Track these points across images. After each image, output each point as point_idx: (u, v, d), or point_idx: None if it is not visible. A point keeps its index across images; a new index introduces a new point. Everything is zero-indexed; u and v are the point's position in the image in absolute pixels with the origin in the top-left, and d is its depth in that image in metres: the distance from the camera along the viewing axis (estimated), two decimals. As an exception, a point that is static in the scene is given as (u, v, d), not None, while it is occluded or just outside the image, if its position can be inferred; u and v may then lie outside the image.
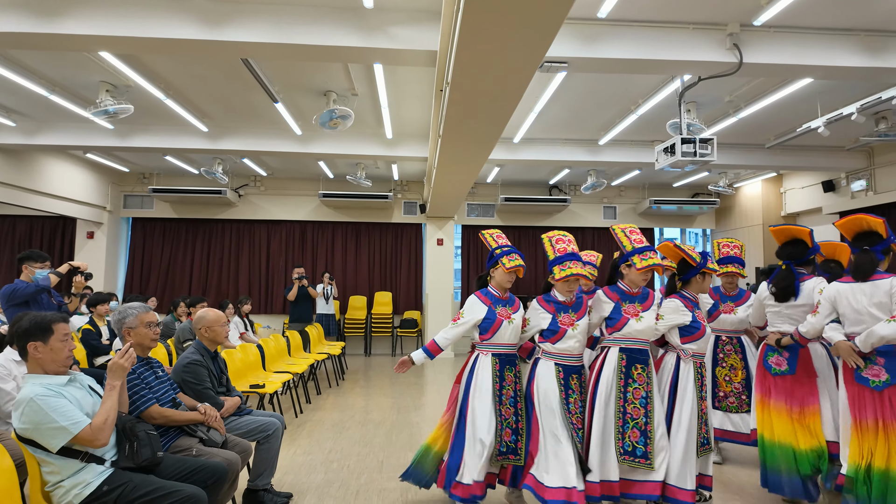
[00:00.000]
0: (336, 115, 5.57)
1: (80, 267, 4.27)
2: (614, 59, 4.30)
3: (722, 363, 4.01)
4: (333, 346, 7.49)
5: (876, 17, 4.26)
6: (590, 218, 10.77)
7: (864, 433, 2.73)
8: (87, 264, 4.36)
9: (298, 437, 4.59)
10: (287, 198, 10.23)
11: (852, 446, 2.76)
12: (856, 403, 2.80)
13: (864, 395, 2.77)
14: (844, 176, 8.19)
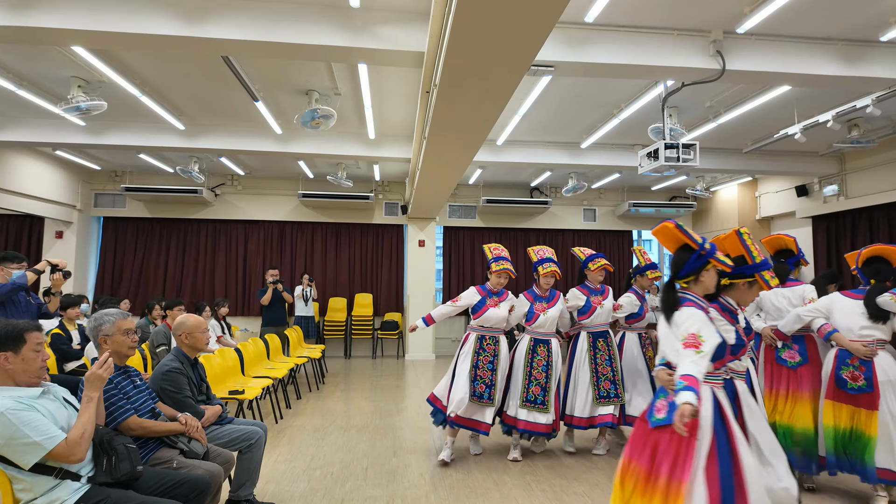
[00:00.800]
0: (318, 114, 5.48)
1: (59, 265, 4.08)
2: (600, 64, 4.31)
3: None
4: (313, 349, 7.38)
5: (852, 28, 4.36)
6: (570, 220, 10.85)
7: (777, 399, 3.58)
8: (66, 262, 4.17)
9: (279, 444, 4.49)
10: (265, 197, 10.05)
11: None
12: (772, 378, 3.62)
13: (781, 372, 3.60)
14: (817, 181, 8.41)
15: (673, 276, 2.38)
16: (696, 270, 2.33)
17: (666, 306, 2.25)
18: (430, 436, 4.81)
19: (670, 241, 2.47)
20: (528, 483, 3.67)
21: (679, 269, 2.36)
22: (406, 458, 4.19)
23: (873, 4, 4.02)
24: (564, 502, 3.36)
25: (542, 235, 10.85)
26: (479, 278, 10.64)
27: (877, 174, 7.51)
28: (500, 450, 4.42)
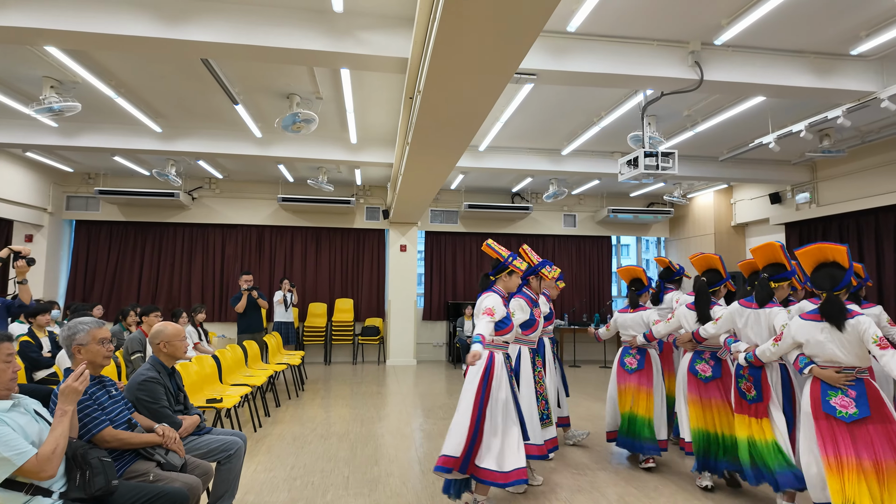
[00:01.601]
0: (299, 118, 5.43)
1: (22, 251, 3.93)
2: (582, 73, 4.37)
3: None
4: (292, 356, 7.28)
5: (824, 42, 4.50)
6: (551, 225, 10.94)
7: (703, 408, 3.72)
8: (28, 249, 4.02)
9: (258, 453, 4.41)
10: (244, 201, 9.91)
11: (691, 415, 3.77)
12: (696, 388, 3.78)
13: (698, 383, 3.78)
14: (790, 189, 8.63)
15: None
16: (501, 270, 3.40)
17: None
18: (411, 443, 4.78)
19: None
20: (508, 491, 3.67)
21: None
22: (388, 466, 4.15)
23: (844, 20, 4.15)
24: (547, 509, 3.36)
25: (523, 240, 10.91)
26: (461, 283, 10.66)
27: (846, 183, 7.74)
28: (482, 456, 4.41)
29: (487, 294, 3.34)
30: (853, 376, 2.70)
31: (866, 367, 2.72)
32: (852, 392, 2.66)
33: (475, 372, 3.19)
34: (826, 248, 2.85)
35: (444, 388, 7.47)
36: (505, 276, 3.41)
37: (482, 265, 10.77)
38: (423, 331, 10.61)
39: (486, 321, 3.17)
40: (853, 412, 2.63)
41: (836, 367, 2.73)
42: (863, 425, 2.61)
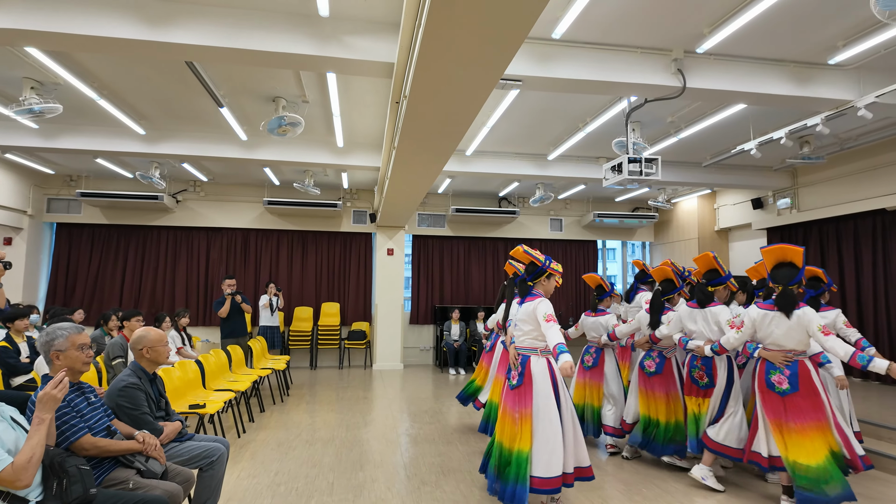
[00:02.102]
0: (285, 121, 5.40)
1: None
2: (567, 79, 4.40)
3: None
4: (277, 361, 7.22)
5: (803, 51, 4.59)
6: (537, 229, 10.99)
7: (647, 398, 4.30)
8: (3, 252, 3.94)
9: (242, 459, 4.37)
10: (229, 204, 9.82)
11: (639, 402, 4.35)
12: (643, 381, 4.36)
13: (645, 377, 4.35)
14: (772, 194, 8.77)
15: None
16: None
17: None
18: (397, 448, 4.76)
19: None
20: (496, 494, 3.67)
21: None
22: (373, 471, 4.14)
23: (822, 30, 4.24)
24: (532, 513, 3.37)
25: (510, 244, 10.95)
26: (449, 287, 10.66)
27: (826, 189, 7.90)
28: (468, 462, 4.41)
29: (537, 300, 3.33)
30: (792, 358, 3.32)
31: (802, 351, 3.33)
32: (787, 371, 3.31)
33: (543, 384, 3.21)
34: (787, 249, 3.39)
35: (430, 393, 7.46)
36: (544, 279, 3.45)
37: (470, 269, 10.79)
38: (410, 335, 10.59)
39: (557, 328, 3.18)
40: (786, 388, 3.30)
41: (780, 350, 3.35)
42: (794, 397, 3.28)
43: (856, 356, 3.08)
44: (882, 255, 7.07)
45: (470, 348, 9.73)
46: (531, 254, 3.48)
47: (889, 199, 6.85)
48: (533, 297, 3.40)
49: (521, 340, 3.38)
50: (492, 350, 5.27)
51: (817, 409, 3.25)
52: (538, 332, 3.30)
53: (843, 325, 4.07)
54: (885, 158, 6.98)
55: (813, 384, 3.28)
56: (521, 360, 3.34)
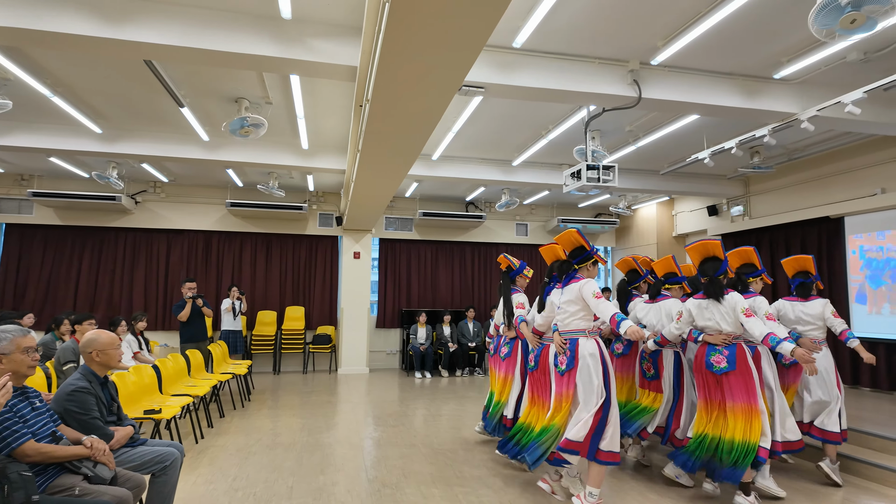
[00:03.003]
0: (248, 123, 5.35)
1: None
2: (528, 88, 4.51)
3: None
4: (239, 365, 7.10)
5: (751, 65, 4.82)
6: (503, 234, 11.14)
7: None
8: None
9: (199, 466, 4.29)
10: (191, 206, 9.62)
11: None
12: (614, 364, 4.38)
13: (614, 359, 4.51)
14: (726, 202, 9.13)
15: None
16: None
17: None
18: (359, 452, 4.76)
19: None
20: (457, 495, 3.72)
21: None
22: (334, 475, 4.12)
23: (767, 46, 4.47)
24: (490, 512, 3.43)
25: (476, 249, 11.06)
26: (416, 291, 10.68)
27: (776, 197, 8.27)
28: (431, 465, 4.44)
29: (582, 280, 3.42)
30: (730, 340, 3.55)
31: (739, 333, 3.56)
32: (726, 352, 3.53)
33: (594, 364, 3.28)
34: (708, 244, 3.74)
35: (396, 396, 7.46)
36: (590, 265, 3.53)
37: (437, 272, 10.83)
38: (376, 338, 10.56)
39: (607, 302, 3.28)
40: (724, 366, 3.51)
41: (720, 335, 3.59)
42: (727, 377, 3.49)
43: (768, 338, 3.23)
44: (826, 261, 7.44)
45: (436, 352, 9.76)
46: (584, 237, 3.57)
47: (832, 207, 7.23)
48: (577, 279, 3.48)
49: (566, 323, 3.44)
50: (495, 354, 4.88)
51: (749, 391, 3.41)
52: (586, 311, 3.38)
53: (830, 315, 4.18)
54: (829, 169, 7.37)
55: (748, 365, 3.47)
56: (569, 344, 3.40)
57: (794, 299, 4.33)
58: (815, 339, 4.15)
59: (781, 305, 4.42)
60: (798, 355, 3.15)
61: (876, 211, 6.78)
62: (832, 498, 3.78)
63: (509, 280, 4.67)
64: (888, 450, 4.34)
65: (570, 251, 3.61)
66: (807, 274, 4.36)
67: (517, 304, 4.46)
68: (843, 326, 4.11)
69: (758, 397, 3.42)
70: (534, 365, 3.88)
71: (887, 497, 3.82)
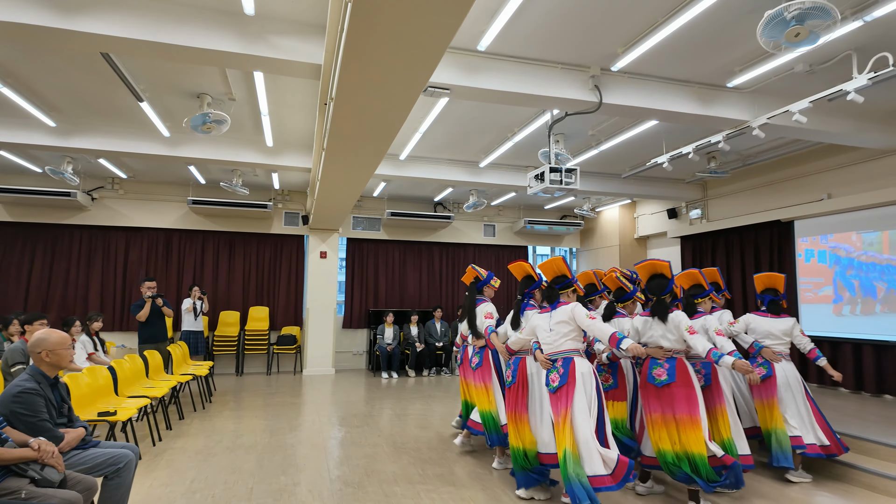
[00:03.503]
0: (210, 119, 5.25)
1: None
2: (492, 90, 4.57)
3: None
4: (199, 366, 6.95)
5: (706, 73, 5.01)
6: (471, 235, 11.22)
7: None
8: None
9: (156, 468, 4.20)
10: (150, 203, 9.36)
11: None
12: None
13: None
14: (685, 205, 9.43)
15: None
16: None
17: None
18: (322, 452, 4.73)
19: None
20: (419, 493, 3.75)
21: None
22: (296, 475, 4.10)
23: (720, 55, 4.65)
24: (451, 508, 3.47)
25: (445, 249, 11.11)
26: (383, 291, 10.66)
27: (731, 201, 8.59)
28: (394, 463, 4.46)
29: (571, 304, 3.59)
30: (671, 355, 3.63)
31: (681, 349, 3.63)
32: (666, 365, 3.61)
33: (589, 383, 3.41)
34: (656, 264, 3.82)
35: (362, 397, 7.44)
36: (570, 292, 3.71)
37: (405, 273, 10.83)
38: (342, 339, 10.49)
39: (604, 323, 3.46)
40: (664, 379, 3.58)
41: (663, 350, 3.66)
42: (669, 388, 3.55)
43: (710, 353, 3.39)
44: (777, 263, 7.77)
45: (403, 352, 9.76)
46: (568, 266, 3.79)
47: (783, 211, 7.56)
48: (563, 303, 3.64)
49: (559, 344, 3.54)
50: (463, 362, 4.86)
51: (690, 402, 3.47)
52: (577, 332, 3.53)
53: (799, 334, 4.40)
54: (781, 175, 7.70)
55: (689, 378, 3.53)
56: (562, 362, 3.49)
57: (765, 315, 4.51)
58: (782, 353, 4.37)
59: (752, 319, 4.57)
60: (738, 367, 3.31)
61: (822, 215, 7.13)
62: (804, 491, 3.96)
63: (476, 290, 4.70)
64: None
65: (553, 278, 3.77)
66: (776, 292, 4.56)
67: (486, 314, 4.48)
68: (811, 346, 4.39)
69: (698, 409, 3.46)
70: (511, 380, 3.87)
71: (853, 492, 4.03)
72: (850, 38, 4.28)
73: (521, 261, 4.26)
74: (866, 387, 6.57)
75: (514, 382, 3.84)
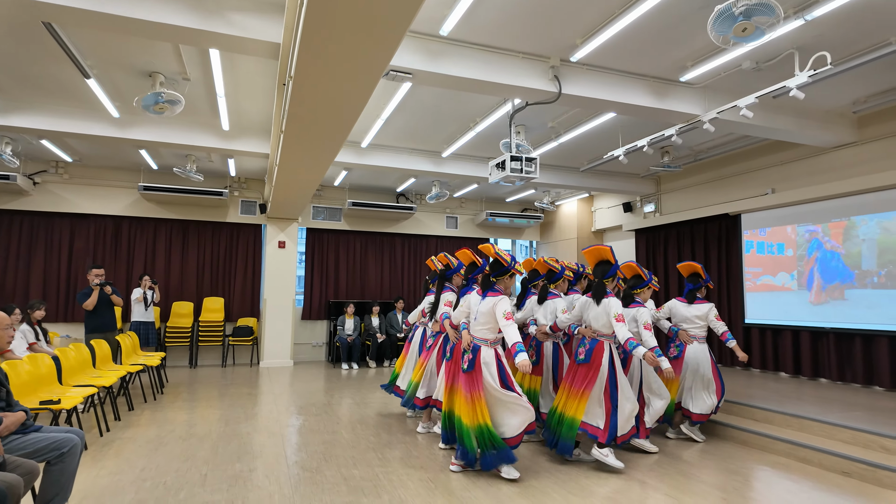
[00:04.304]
0: (163, 99, 5.07)
1: None
2: (455, 76, 4.60)
3: None
4: (151, 357, 6.72)
5: (660, 68, 5.18)
6: (434, 226, 11.24)
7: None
8: None
9: (104, 458, 4.04)
10: (98, 188, 8.95)
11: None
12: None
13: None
14: (639, 199, 9.73)
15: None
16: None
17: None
18: (280, 440, 4.67)
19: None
20: (377, 475, 3.75)
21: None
22: (252, 462, 4.03)
23: (674, 50, 4.82)
24: (419, 491, 3.49)
25: (407, 240, 11.09)
26: (344, 282, 10.55)
27: (683, 195, 8.92)
28: (352, 448, 4.44)
29: (498, 297, 3.74)
30: (595, 336, 3.97)
31: (607, 333, 3.94)
32: (588, 345, 3.97)
33: (491, 371, 3.73)
34: (601, 249, 4.12)
35: (321, 387, 7.36)
36: (507, 278, 3.85)
37: (366, 264, 10.76)
38: (301, 331, 10.33)
39: (515, 326, 3.62)
40: (582, 358, 3.97)
41: (591, 330, 4.01)
42: (583, 366, 3.95)
43: (627, 342, 3.75)
44: (725, 255, 8.13)
45: (364, 343, 9.70)
46: (500, 254, 3.87)
47: (731, 205, 7.90)
48: (495, 293, 3.80)
49: (476, 330, 3.84)
50: (412, 339, 5.53)
51: (589, 381, 3.89)
52: (493, 325, 3.74)
53: (713, 318, 4.86)
54: (729, 170, 8.05)
55: (600, 361, 3.90)
56: (472, 347, 3.80)
57: (683, 301, 5.01)
58: (696, 335, 4.88)
59: (674, 305, 5.07)
60: (647, 359, 3.81)
61: (767, 209, 7.49)
62: (693, 449, 4.17)
63: (445, 278, 4.98)
64: (774, 421, 4.85)
65: (491, 264, 3.94)
66: (697, 277, 4.96)
67: (445, 302, 4.78)
68: (724, 328, 4.86)
69: (594, 387, 3.87)
70: (449, 356, 4.13)
71: (780, 462, 4.27)
72: (793, 37, 4.51)
73: (465, 249, 4.54)
74: (804, 371, 6.97)
75: (451, 359, 4.06)
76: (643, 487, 3.60)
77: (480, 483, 3.62)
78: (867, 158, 6.35)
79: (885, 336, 6.08)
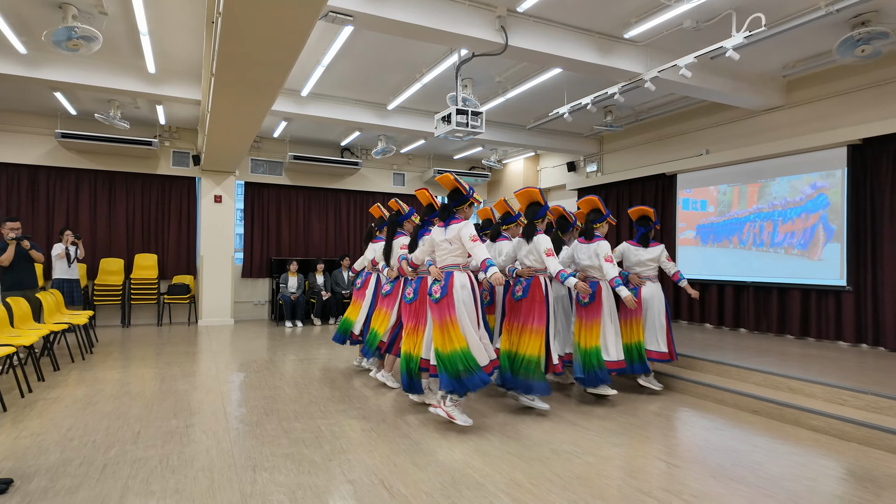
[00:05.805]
0: (76, 34, 4.61)
1: None
2: (398, 21, 4.42)
3: None
4: (77, 316, 6.35)
5: (604, 23, 5.18)
6: (380, 183, 11.04)
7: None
8: None
9: (25, 419, 3.83)
10: (8, 135, 8.17)
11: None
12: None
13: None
14: (583, 159, 9.90)
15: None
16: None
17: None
18: (218, 396, 4.57)
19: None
20: (319, 427, 3.76)
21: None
22: (189, 418, 3.93)
23: (619, 4, 4.81)
24: (360, 440, 3.53)
25: (352, 197, 10.86)
26: (286, 239, 10.27)
27: (624, 155, 9.15)
28: (295, 402, 4.42)
29: (461, 223, 3.75)
30: (531, 273, 4.11)
31: (541, 268, 4.07)
32: (524, 283, 4.11)
33: (465, 293, 3.70)
34: (531, 191, 4.24)
35: (264, 345, 7.23)
36: (466, 207, 3.85)
37: (310, 220, 10.49)
38: (242, 289, 10.05)
39: (483, 246, 3.63)
40: (520, 295, 4.11)
41: (525, 267, 4.17)
42: (522, 301, 4.08)
43: (559, 274, 3.94)
44: (662, 213, 8.47)
45: (309, 301, 9.56)
46: (460, 182, 3.88)
47: (667, 165, 8.18)
48: (456, 220, 3.81)
49: (443, 259, 3.82)
50: (363, 287, 5.45)
51: (540, 316, 3.99)
52: (462, 250, 3.73)
53: (665, 260, 5.04)
54: (668, 131, 8.29)
55: (540, 295, 4.02)
56: (444, 275, 3.77)
57: (637, 245, 5.05)
58: (649, 276, 4.99)
59: (625, 248, 5.15)
60: (579, 288, 4.03)
61: (701, 169, 7.81)
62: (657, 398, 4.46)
63: (396, 224, 4.95)
64: (697, 367, 5.20)
65: (449, 193, 3.92)
66: (647, 221, 5.08)
67: (401, 245, 4.75)
68: (676, 269, 5.08)
69: (544, 321, 3.98)
70: (412, 296, 4.16)
71: (700, 403, 4.60)
72: (732, -3, 4.59)
73: (424, 189, 4.44)
74: (726, 322, 7.49)
75: (416, 299, 4.12)
76: (573, 427, 3.80)
77: (425, 431, 3.70)
78: (794, 121, 6.69)
79: (797, 289, 6.59)
